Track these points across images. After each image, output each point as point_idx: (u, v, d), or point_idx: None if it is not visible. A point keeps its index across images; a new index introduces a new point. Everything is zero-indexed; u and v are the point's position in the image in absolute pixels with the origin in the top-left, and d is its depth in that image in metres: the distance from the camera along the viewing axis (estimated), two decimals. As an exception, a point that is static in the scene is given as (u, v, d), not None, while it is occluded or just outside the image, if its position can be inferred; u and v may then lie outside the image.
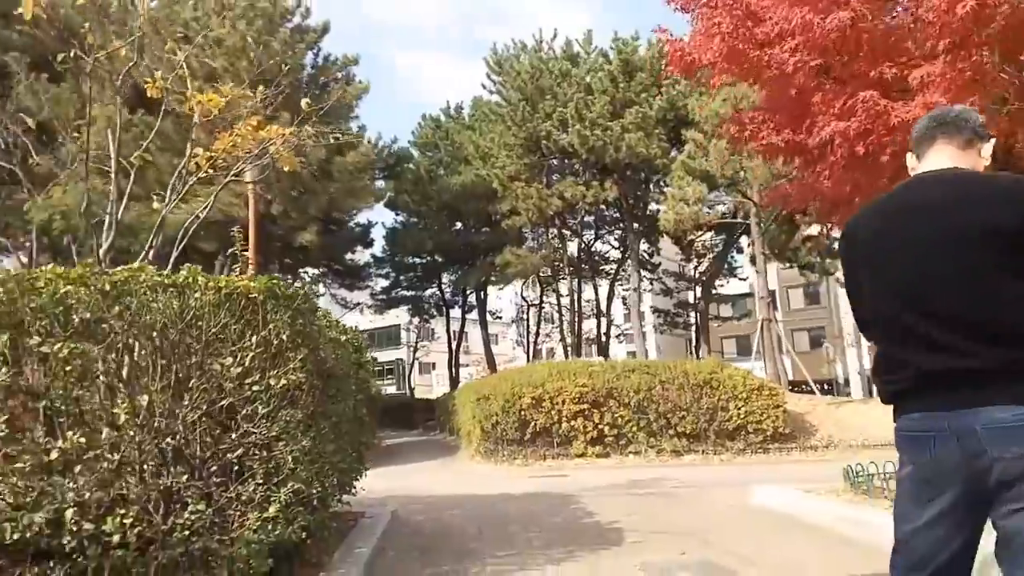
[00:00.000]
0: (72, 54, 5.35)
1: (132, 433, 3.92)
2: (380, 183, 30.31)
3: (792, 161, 11.06)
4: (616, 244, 33.96)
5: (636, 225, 26.61)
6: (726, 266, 31.89)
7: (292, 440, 4.18)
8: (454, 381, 34.16)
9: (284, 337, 4.31)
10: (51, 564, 3.83)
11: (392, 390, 50.14)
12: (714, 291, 31.92)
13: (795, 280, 38.87)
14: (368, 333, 62.90)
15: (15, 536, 3.58)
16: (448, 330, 37.98)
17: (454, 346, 36.77)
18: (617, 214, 30.59)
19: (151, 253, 5.66)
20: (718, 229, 28.33)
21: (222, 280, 4.24)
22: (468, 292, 35.96)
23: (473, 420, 15.25)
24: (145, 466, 3.95)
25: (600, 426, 13.97)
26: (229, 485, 4.04)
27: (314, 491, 4.45)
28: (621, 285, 35.36)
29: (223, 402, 4.08)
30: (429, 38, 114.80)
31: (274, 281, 4.39)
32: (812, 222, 17.74)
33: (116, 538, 3.66)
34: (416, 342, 44.43)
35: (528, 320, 41.24)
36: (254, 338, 4.19)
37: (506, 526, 7.10)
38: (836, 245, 12.15)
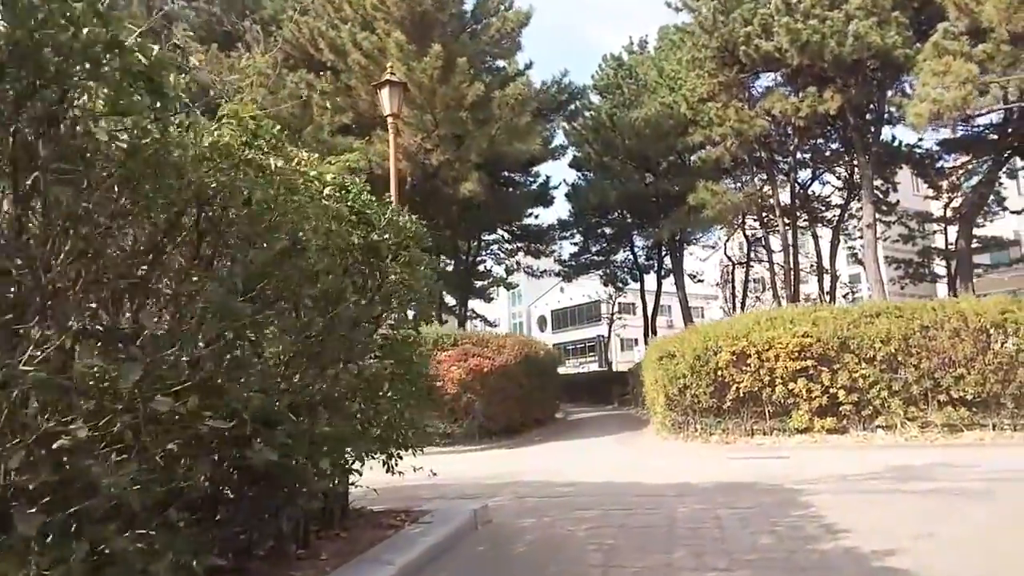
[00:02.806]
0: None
1: None
2: (559, 134, 27.68)
3: None
4: (839, 184, 28.10)
5: (866, 154, 21.01)
6: (992, 197, 24.75)
7: None
8: (652, 353, 30.38)
9: None
10: None
11: (594, 367, 47.58)
12: (975, 231, 24.89)
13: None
14: (569, 310, 61.63)
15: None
16: (643, 298, 34.15)
17: (649, 313, 32.86)
18: (839, 145, 24.95)
19: None
20: (979, 149, 22.01)
21: None
22: (663, 253, 31.87)
23: (656, 385, 11.84)
24: None
25: (832, 390, 9.94)
26: None
27: None
28: (849, 236, 29.51)
29: None
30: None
31: None
32: None
33: None
34: (612, 314, 41.38)
35: (734, 283, 36.33)
36: None
37: (666, 548, 3.81)
38: None
